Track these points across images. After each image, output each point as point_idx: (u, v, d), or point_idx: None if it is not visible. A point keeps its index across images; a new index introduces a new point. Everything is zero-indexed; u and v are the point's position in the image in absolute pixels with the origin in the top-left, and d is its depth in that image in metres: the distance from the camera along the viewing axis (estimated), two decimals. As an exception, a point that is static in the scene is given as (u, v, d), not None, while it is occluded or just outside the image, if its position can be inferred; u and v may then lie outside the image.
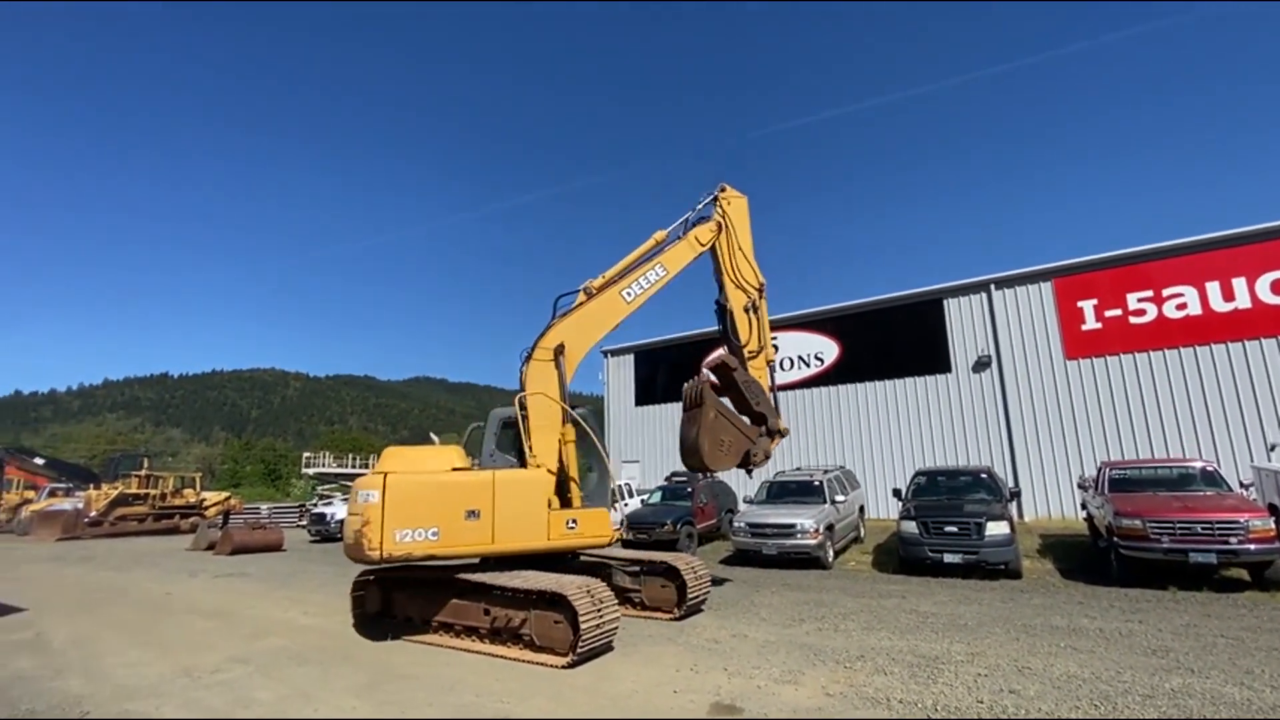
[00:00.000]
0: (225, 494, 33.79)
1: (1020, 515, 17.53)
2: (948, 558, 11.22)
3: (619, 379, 28.30)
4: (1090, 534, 13.27)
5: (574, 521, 8.29)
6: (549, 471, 8.32)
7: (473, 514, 7.68)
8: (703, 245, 9.98)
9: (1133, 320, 17.71)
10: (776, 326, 24.07)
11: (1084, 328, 18.29)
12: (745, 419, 9.93)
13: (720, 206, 10.29)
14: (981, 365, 19.66)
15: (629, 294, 9.25)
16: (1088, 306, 18.30)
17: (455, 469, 8.04)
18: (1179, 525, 9.54)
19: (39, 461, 35.81)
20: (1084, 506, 14.07)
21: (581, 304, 9.05)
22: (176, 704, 5.88)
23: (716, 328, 24.80)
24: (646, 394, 27.36)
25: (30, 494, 33.18)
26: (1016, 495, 13.06)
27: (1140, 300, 17.68)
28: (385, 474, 7.60)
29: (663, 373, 27.18)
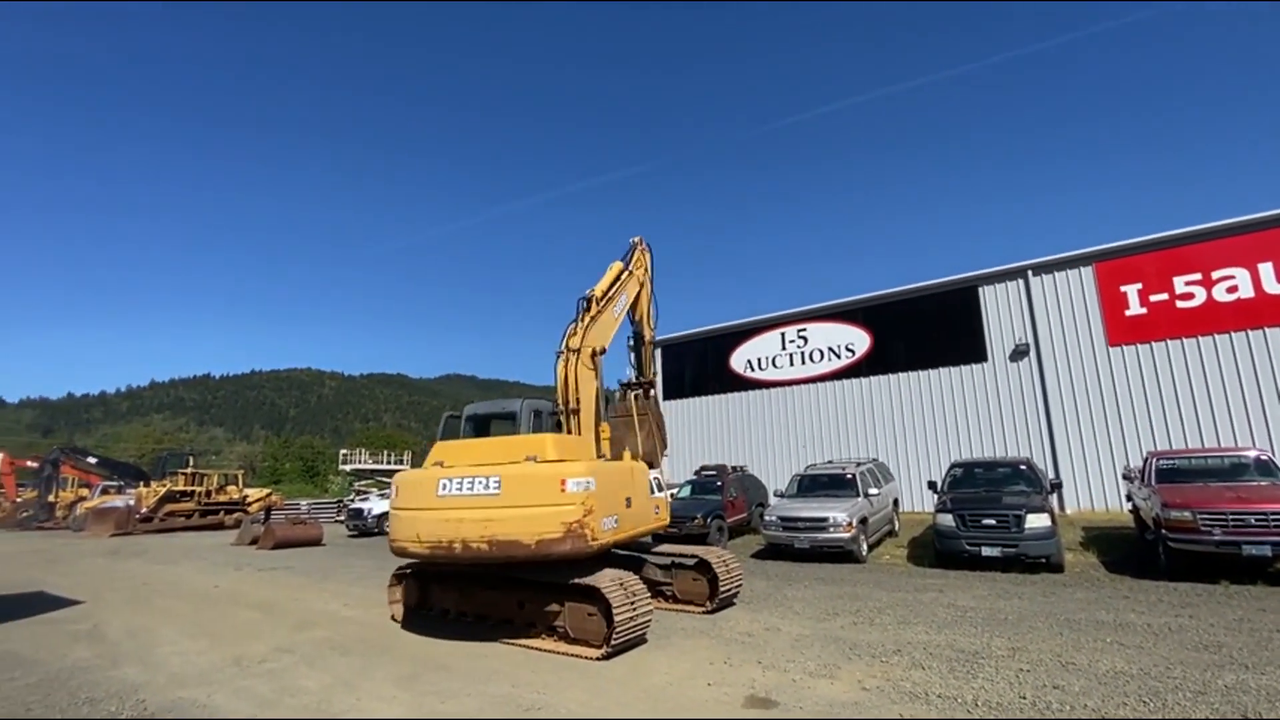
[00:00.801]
0: (266, 490, 34.82)
1: (1061, 507, 17.05)
2: (986, 551, 10.98)
3: (647, 373, 28.28)
4: (1136, 526, 12.85)
5: (658, 507, 9.01)
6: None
7: (629, 501, 8.02)
8: (640, 285, 10.87)
9: (1180, 304, 17.04)
10: (806, 317, 23.83)
11: (1128, 313, 17.67)
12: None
13: (643, 254, 11.07)
14: (1019, 354, 19.15)
15: (615, 311, 9.88)
16: (1131, 291, 17.66)
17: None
18: (1231, 517, 9.18)
19: (92, 460, 37.36)
20: (1129, 498, 13.62)
21: (601, 311, 9.39)
22: (227, 692, 6.09)
23: (741, 320, 24.63)
24: (674, 388, 27.30)
25: (84, 491, 34.66)
26: (1057, 487, 12.70)
27: (1188, 283, 17.00)
28: (589, 461, 7.67)
29: (690, 366, 27.11)
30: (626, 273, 10.28)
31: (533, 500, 7.05)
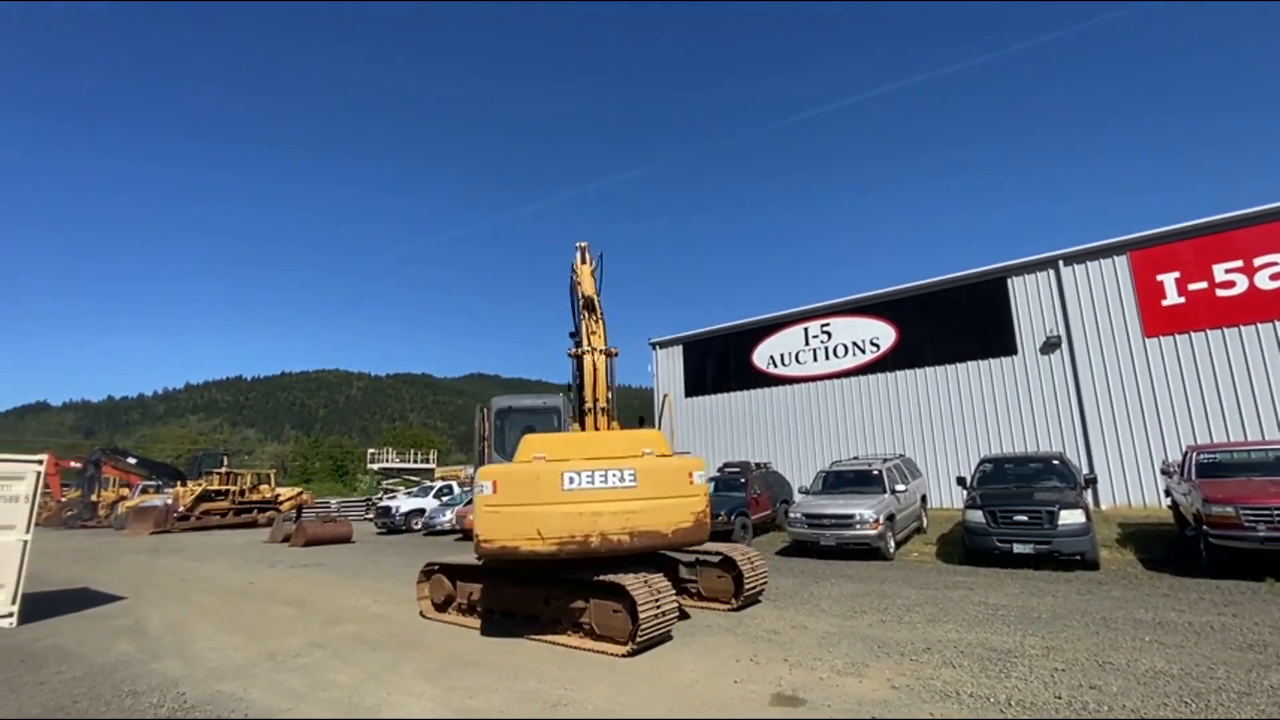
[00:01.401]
0: (298, 489, 35.55)
1: (1096, 503, 16.63)
2: (1017, 548, 10.75)
3: (668, 370, 28.26)
4: (1175, 523, 12.49)
5: None
6: None
7: None
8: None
9: (1220, 293, 16.47)
10: (829, 312, 23.56)
11: (1165, 303, 17.13)
12: None
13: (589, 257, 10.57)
14: (1050, 346, 18.70)
15: None
16: (1169, 280, 17.12)
17: None
18: (1277, 512, 8.85)
19: (131, 461, 38.53)
20: (1168, 493, 13.23)
21: (601, 315, 9.50)
22: (262, 686, 6.24)
23: (763, 316, 24.23)
24: (696, 385, 27.23)
25: (125, 491, 35.82)
26: (1092, 482, 12.39)
27: (1228, 271, 16.41)
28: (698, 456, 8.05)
29: (711, 363, 27.01)
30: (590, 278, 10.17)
31: (667, 492, 7.43)
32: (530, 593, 7.89)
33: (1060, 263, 18.74)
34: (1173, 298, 17.03)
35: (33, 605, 9.63)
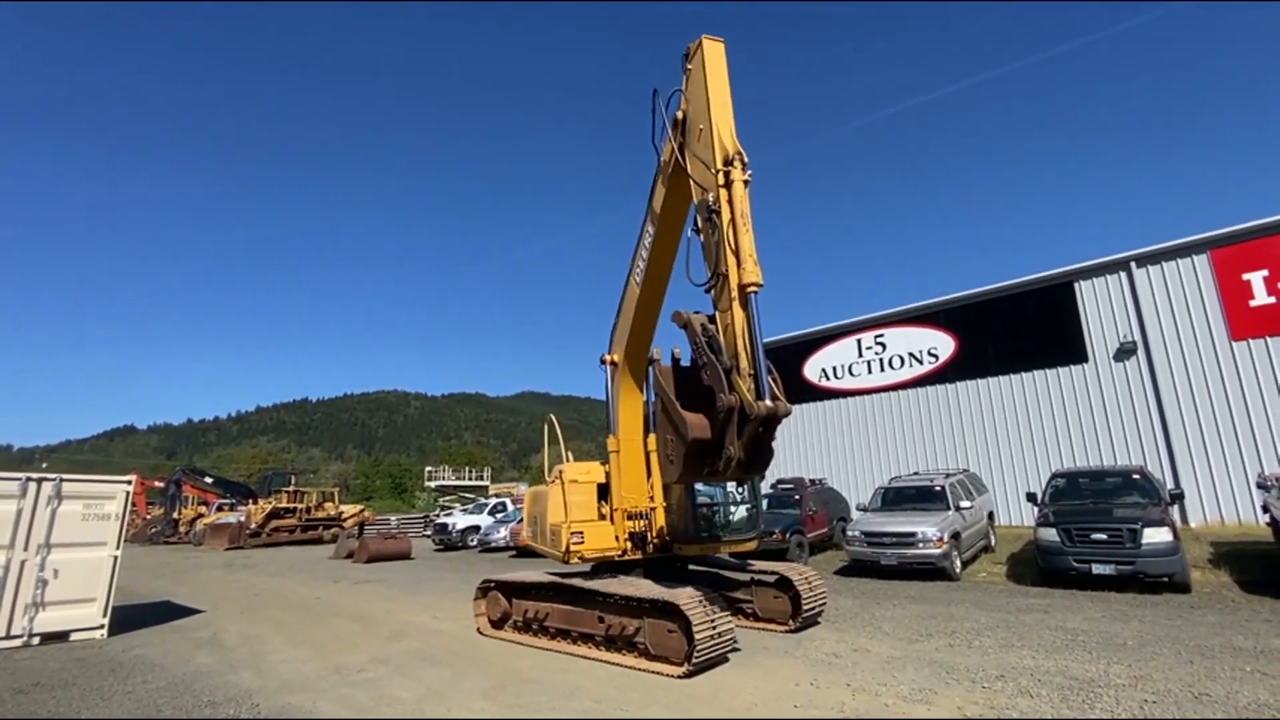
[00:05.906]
0: (360, 507, 36.77)
1: (1184, 521, 15.51)
2: (1097, 569, 10.11)
3: (719, 386, 28.00)
4: (1276, 540, 11.51)
5: None
6: None
7: None
8: None
9: (1316, 291, 15.25)
10: (883, 323, 22.96)
11: (1252, 303, 15.95)
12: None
13: None
14: (1125, 353, 17.66)
15: None
16: (1256, 279, 15.95)
17: None
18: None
19: (208, 480, 40.83)
20: (1265, 509, 12.24)
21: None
22: (330, 699, 6.43)
23: (813, 328, 23.61)
24: (747, 400, 26.87)
25: (203, 509, 37.87)
26: (1178, 498, 11.56)
27: (1325, 267, 15.20)
28: None
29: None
30: None
31: None
32: (585, 611, 7.89)
33: (1133, 264, 17.75)
34: (1262, 297, 15.87)
35: (121, 617, 10.23)
